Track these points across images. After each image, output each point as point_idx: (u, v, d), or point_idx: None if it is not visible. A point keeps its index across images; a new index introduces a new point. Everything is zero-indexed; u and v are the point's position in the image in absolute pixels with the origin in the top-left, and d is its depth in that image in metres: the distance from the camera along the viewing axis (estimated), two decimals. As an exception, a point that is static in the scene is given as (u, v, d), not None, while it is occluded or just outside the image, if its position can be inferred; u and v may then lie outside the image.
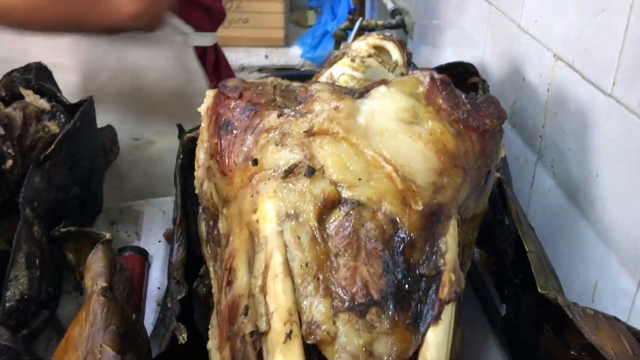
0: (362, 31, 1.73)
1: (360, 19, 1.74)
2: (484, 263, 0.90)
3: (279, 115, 0.53)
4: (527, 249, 0.63)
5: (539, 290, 0.60)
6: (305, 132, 0.51)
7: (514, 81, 0.95)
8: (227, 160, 0.53)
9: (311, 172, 0.50)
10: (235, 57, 2.67)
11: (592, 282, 0.73)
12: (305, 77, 0.79)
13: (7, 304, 0.63)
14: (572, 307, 0.57)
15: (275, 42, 2.74)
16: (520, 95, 0.92)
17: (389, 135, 0.50)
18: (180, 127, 0.97)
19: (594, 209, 0.72)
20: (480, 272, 0.89)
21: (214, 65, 1.14)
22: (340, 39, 1.87)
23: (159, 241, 0.94)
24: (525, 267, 0.67)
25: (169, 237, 0.94)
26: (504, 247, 0.80)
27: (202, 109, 0.59)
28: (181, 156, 0.77)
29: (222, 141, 0.54)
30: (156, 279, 0.87)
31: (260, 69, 2.71)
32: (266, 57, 2.76)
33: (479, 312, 0.85)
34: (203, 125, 0.60)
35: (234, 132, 0.53)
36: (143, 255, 0.87)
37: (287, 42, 2.75)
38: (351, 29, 1.77)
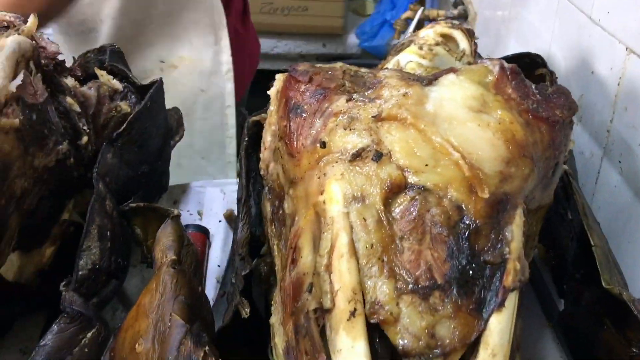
0: (422, 21, 1.72)
1: (422, 8, 1.73)
2: (542, 257, 0.89)
3: (348, 100, 0.54)
4: (592, 243, 0.62)
5: (604, 285, 0.59)
6: (373, 117, 0.52)
7: (581, 74, 0.93)
8: (295, 143, 0.54)
9: (379, 156, 0.50)
10: (293, 45, 2.70)
11: (659, 280, 0.71)
12: (367, 66, 0.79)
13: (80, 273, 0.67)
14: (637, 303, 0.57)
15: (333, 30, 2.74)
16: (588, 89, 0.90)
17: (457, 123, 0.51)
18: (243, 111, 1.00)
19: (663, 207, 0.71)
20: (538, 266, 0.88)
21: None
22: (400, 28, 1.86)
23: (220, 221, 0.96)
24: (587, 262, 0.66)
25: (229, 217, 0.96)
26: (566, 241, 0.79)
27: (272, 92, 0.61)
28: (246, 138, 0.78)
29: (291, 124, 0.55)
30: (216, 257, 0.90)
31: (318, 57, 2.72)
32: (324, 45, 2.77)
33: (536, 306, 0.84)
34: (272, 108, 0.61)
35: (303, 115, 0.55)
36: (204, 234, 0.90)
37: (345, 31, 2.75)
38: (412, 18, 1.76)
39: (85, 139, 0.75)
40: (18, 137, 0.64)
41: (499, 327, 0.46)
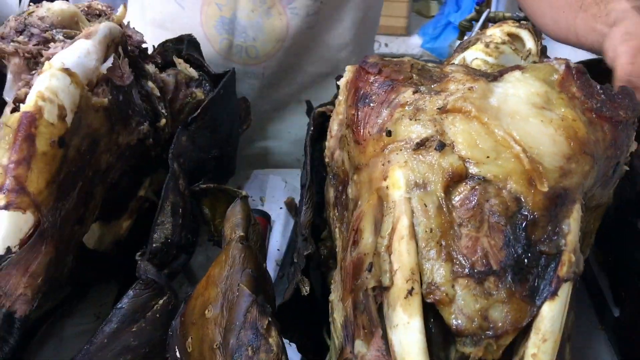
0: (487, 23, 1.72)
1: (488, 10, 1.73)
2: (600, 262, 0.89)
3: (414, 92, 0.56)
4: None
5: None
6: (438, 109, 0.54)
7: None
8: (362, 131, 0.58)
9: (441, 146, 0.53)
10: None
11: None
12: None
13: (154, 245, 0.72)
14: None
15: (396, 30, 2.76)
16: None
17: (520, 118, 0.53)
18: (308, 102, 1.03)
19: None
20: (594, 271, 0.88)
21: None
22: (464, 29, 1.87)
23: (281, 208, 1.01)
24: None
25: (289, 205, 1.00)
26: (630, 249, 0.79)
27: (342, 82, 0.64)
28: (311, 128, 0.82)
29: (358, 112, 0.58)
30: (276, 241, 0.94)
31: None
32: (385, 45, 2.78)
33: (589, 309, 0.84)
34: (341, 97, 0.64)
35: (371, 104, 0.57)
36: (266, 218, 0.95)
37: (408, 31, 2.76)
38: (477, 20, 1.76)
39: (163, 121, 0.80)
40: (106, 115, 0.69)
41: (550, 314, 0.47)
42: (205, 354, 0.54)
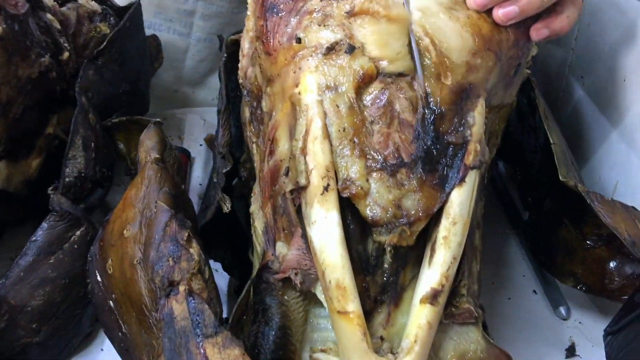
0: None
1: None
2: (510, 176, 0.94)
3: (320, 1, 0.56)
4: (552, 141, 0.66)
5: (560, 178, 0.64)
6: (346, 12, 0.55)
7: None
8: (272, 41, 0.57)
9: (351, 49, 0.53)
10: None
11: (612, 184, 0.76)
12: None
13: (67, 179, 0.70)
14: (590, 193, 0.61)
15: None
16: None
17: (430, 14, 0.54)
18: (220, 36, 1.01)
19: (619, 113, 0.75)
20: (505, 183, 0.93)
21: None
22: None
23: (200, 145, 0.99)
24: (549, 168, 0.70)
25: (209, 141, 0.99)
26: (531, 156, 0.84)
27: None
28: (224, 56, 0.81)
29: (267, 23, 0.57)
30: (198, 176, 0.93)
31: None
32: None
33: (503, 217, 0.89)
34: (249, 12, 0.63)
35: (279, 14, 0.57)
36: (185, 154, 0.93)
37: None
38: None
39: (66, 54, 0.77)
40: (1, 45, 0.65)
41: (459, 199, 0.50)
42: (126, 271, 0.54)
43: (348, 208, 0.51)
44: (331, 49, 0.54)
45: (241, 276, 0.69)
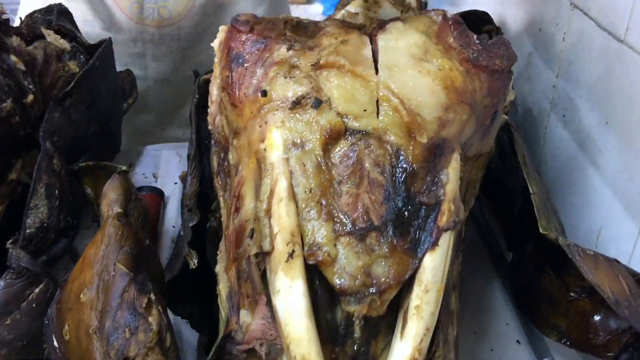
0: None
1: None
2: (492, 211, 0.92)
3: (288, 49, 0.54)
4: (531, 191, 0.64)
5: (541, 230, 0.61)
6: (312, 65, 0.52)
7: (530, 32, 0.94)
8: (237, 92, 0.55)
9: (318, 103, 0.51)
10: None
11: (597, 229, 0.74)
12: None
13: (27, 231, 0.66)
14: (572, 247, 0.59)
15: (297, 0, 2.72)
16: (537, 46, 0.92)
17: (399, 70, 0.51)
18: (195, 72, 0.99)
19: (602, 156, 0.73)
20: (488, 222, 0.91)
21: None
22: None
23: (175, 183, 0.96)
24: (531, 212, 0.68)
25: (185, 179, 0.96)
26: (513, 195, 0.81)
27: (215, 44, 0.60)
28: (197, 96, 0.78)
29: (233, 74, 0.55)
30: (172, 217, 0.90)
31: (281, 26, 2.69)
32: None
33: (486, 258, 0.86)
34: (216, 60, 0.61)
35: (245, 65, 0.55)
36: (159, 195, 0.90)
37: (308, 0, 2.74)
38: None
39: (30, 97, 0.74)
40: (-43, 93, 0.63)
41: (432, 265, 0.47)
42: (82, 340, 0.50)
43: (316, 272, 0.48)
44: (297, 103, 0.52)
45: (211, 331, 0.65)
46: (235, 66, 0.55)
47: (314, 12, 2.70)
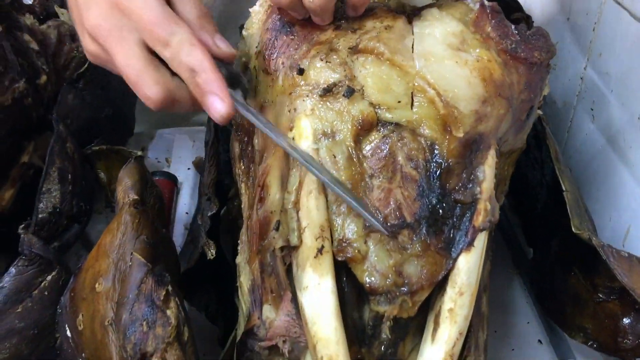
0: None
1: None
2: (512, 205, 0.89)
3: (336, 28, 0.51)
4: (563, 188, 0.61)
5: (573, 230, 0.59)
6: (350, 48, 0.50)
7: (557, 21, 0.91)
8: (275, 60, 0.52)
9: (350, 92, 0.48)
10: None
11: (625, 228, 0.72)
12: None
13: (40, 216, 0.64)
14: (606, 248, 0.56)
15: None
16: (564, 36, 0.89)
17: (435, 60, 0.49)
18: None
19: (633, 153, 0.70)
20: (507, 215, 0.88)
21: None
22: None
23: (188, 168, 0.94)
24: (557, 209, 0.66)
25: (198, 165, 0.94)
26: (537, 190, 0.79)
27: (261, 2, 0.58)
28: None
29: (276, 39, 0.52)
30: (185, 204, 0.88)
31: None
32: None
33: (505, 253, 0.84)
34: (255, 19, 0.57)
35: (293, 35, 0.52)
36: (172, 181, 0.88)
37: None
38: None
39: (44, 78, 0.72)
40: (-31, 71, 0.60)
41: (467, 266, 0.45)
42: (97, 331, 0.49)
43: (343, 269, 0.46)
44: (328, 91, 0.49)
45: (226, 325, 0.64)
46: (281, 33, 0.52)
47: None
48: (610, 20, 0.77)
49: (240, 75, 0.53)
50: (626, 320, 0.61)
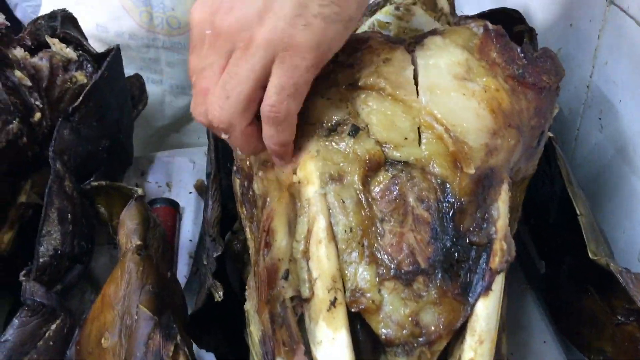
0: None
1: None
2: (521, 217, 0.88)
3: (332, 62, 0.49)
4: (578, 212, 0.60)
5: (590, 255, 0.57)
6: (350, 85, 0.48)
7: (560, 27, 0.89)
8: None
9: (355, 130, 0.47)
10: None
11: (639, 242, 0.70)
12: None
13: (41, 260, 0.63)
14: (624, 274, 0.55)
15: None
16: (567, 43, 0.87)
17: (441, 93, 0.47)
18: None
19: (647, 168, 0.69)
20: (518, 229, 0.87)
21: None
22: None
23: (190, 192, 0.93)
24: (570, 229, 0.64)
25: (200, 188, 0.92)
26: (546, 204, 0.77)
27: None
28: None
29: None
30: (188, 230, 0.86)
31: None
32: None
33: (516, 268, 0.83)
34: None
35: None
36: (174, 207, 0.87)
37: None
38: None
39: (38, 115, 0.70)
40: (-39, 118, 0.58)
41: (485, 312, 0.43)
42: (106, 391, 0.47)
43: (358, 319, 0.44)
44: (333, 130, 0.47)
45: (237, 364, 0.62)
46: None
47: None
48: (615, 28, 0.75)
49: None
50: (646, 343, 0.59)
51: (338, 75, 0.50)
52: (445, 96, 0.47)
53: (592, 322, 0.64)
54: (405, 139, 0.47)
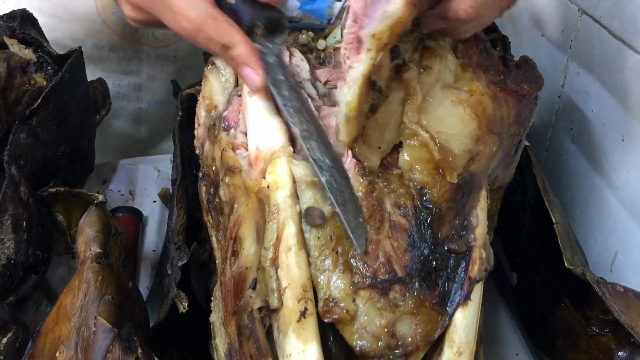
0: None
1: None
2: (494, 231, 0.87)
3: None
4: (554, 221, 0.59)
5: (566, 264, 0.56)
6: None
7: (532, 37, 0.89)
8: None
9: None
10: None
11: (612, 251, 0.69)
12: (309, 29, 0.73)
13: (-7, 270, 0.59)
14: (601, 284, 0.54)
15: (271, -7, 2.63)
16: (538, 52, 0.87)
17: (433, 102, 0.45)
18: (175, 83, 0.92)
19: (618, 175, 0.68)
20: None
21: None
22: (340, -10, 1.79)
23: (154, 201, 0.89)
24: (544, 238, 0.63)
25: (164, 197, 0.89)
26: (518, 213, 0.76)
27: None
28: (180, 114, 0.71)
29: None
30: (151, 241, 0.83)
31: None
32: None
33: (489, 277, 0.81)
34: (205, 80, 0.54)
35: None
36: (137, 216, 0.83)
37: (283, -6, 2.65)
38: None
39: (-8, 118, 0.66)
40: None
41: (464, 322, 0.41)
42: (59, 410, 0.44)
43: (330, 329, 0.42)
44: (305, 133, 0.45)
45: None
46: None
47: (292, 7, 2.62)
48: (587, 38, 0.75)
49: (281, 18, 0.51)
50: (621, 354, 0.58)
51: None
52: (433, 104, 0.46)
53: (566, 334, 0.63)
54: (379, 147, 0.45)
